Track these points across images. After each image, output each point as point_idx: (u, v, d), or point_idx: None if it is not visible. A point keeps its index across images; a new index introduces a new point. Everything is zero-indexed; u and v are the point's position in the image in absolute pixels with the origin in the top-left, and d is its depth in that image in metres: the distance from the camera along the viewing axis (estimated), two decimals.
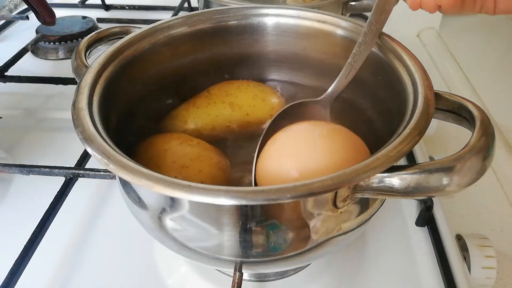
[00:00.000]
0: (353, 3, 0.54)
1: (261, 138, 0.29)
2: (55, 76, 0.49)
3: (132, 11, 0.73)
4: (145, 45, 0.31)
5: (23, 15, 0.65)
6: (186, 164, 0.29)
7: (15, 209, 0.38)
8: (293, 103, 0.31)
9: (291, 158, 0.26)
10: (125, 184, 0.26)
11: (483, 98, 0.57)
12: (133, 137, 0.31)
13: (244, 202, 0.19)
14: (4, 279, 0.29)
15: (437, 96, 0.25)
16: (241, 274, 0.27)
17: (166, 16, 0.65)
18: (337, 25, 0.33)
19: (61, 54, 0.60)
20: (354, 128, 0.28)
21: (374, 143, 0.26)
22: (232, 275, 0.27)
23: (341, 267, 0.33)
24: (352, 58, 0.28)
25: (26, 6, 0.72)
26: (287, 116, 0.30)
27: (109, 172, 0.35)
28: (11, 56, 0.53)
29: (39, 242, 0.32)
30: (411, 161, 0.41)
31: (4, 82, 0.49)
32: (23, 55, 0.55)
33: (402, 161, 0.37)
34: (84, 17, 0.66)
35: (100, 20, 0.67)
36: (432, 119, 0.23)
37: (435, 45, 0.69)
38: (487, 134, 0.21)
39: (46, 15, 0.41)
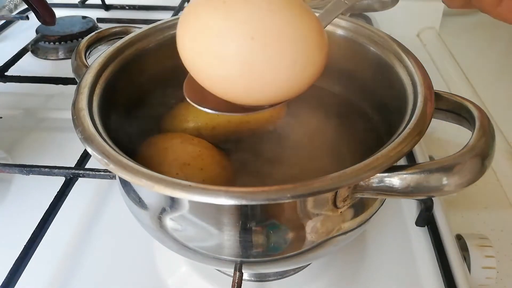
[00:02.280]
0: None
1: None
2: (55, 76, 0.49)
3: (132, 11, 0.73)
4: (145, 45, 0.32)
5: (23, 15, 0.65)
6: (188, 161, 0.29)
7: (15, 209, 0.38)
8: None
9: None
10: (125, 184, 0.26)
11: (483, 98, 0.57)
12: (133, 137, 0.31)
13: (244, 202, 0.19)
14: (4, 279, 0.29)
15: (437, 96, 0.25)
16: (241, 274, 0.27)
17: (166, 16, 0.65)
18: (337, 25, 0.33)
19: (61, 54, 0.60)
20: (354, 128, 0.28)
21: (374, 143, 0.26)
22: (232, 275, 0.27)
23: (341, 267, 0.33)
24: None
25: (26, 6, 0.72)
26: None
27: (109, 172, 0.35)
28: (11, 56, 0.54)
29: (39, 242, 0.32)
30: (411, 161, 0.41)
31: (4, 82, 0.49)
32: (23, 55, 0.55)
33: (402, 161, 0.37)
34: (84, 17, 0.66)
35: (100, 20, 0.67)
36: (432, 119, 0.23)
37: (435, 45, 0.69)
38: (487, 134, 0.21)
39: (46, 15, 0.41)
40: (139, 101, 0.32)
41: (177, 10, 0.68)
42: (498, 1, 0.25)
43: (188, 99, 0.26)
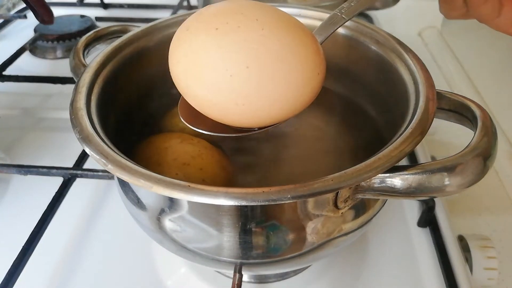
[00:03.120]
0: None
1: None
2: (53, 76, 0.48)
3: (131, 10, 0.73)
4: (143, 44, 0.31)
5: (21, 14, 0.64)
6: (187, 161, 0.29)
7: (13, 210, 0.38)
8: None
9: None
10: (123, 184, 0.26)
11: (485, 97, 0.57)
12: (132, 137, 0.31)
13: (244, 203, 0.18)
14: (3, 280, 0.29)
15: (439, 95, 0.24)
16: (241, 276, 0.27)
17: (165, 14, 0.65)
18: None
19: (59, 53, 0.60)
20: (356, 128, 0.28)
21: (375, 143, 0.25)
22: (232, 276, 0.27)
23: (342, 268, 0.33)
24: (339, 10, 0.27)
25: (24, 5, 0.72)
26: None
27: (108, 172, 0.35)
28: (9, 55, 0.53)
29: (37, 242, 0.32)
30: (413, 161, 0.41)
31: (2, 81, 0.49)
32: (21, 54, 0.55)
33: (404, 161, 0.37)
34: (82, 16, 0.65)
35: (99, 18, 0.67)
36: (434, 118, 0.23)
37: (437, 44, 0.69)
38: (489, 134, 0.21)
39: (44, 14, 0.41)
40: (138, 100, 0.32)
41: (176, 8, 0.68)
42: (496, 13, 0.24)
43: (183, 120, 0.26)
